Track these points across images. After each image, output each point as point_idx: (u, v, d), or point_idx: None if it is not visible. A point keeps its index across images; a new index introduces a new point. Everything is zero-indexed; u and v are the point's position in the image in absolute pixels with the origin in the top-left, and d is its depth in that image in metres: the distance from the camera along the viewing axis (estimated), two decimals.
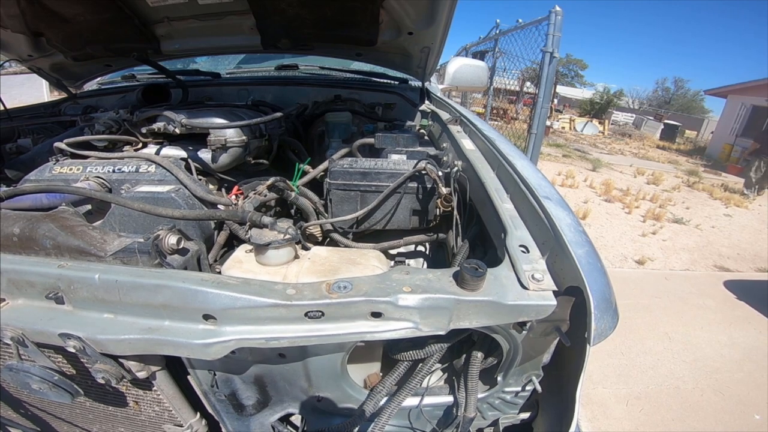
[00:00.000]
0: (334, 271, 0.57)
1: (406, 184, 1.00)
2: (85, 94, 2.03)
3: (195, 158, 1.13)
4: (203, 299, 0.53)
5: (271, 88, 1.86)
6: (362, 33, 1.61)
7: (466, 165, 0.97)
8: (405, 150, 1.18)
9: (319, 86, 1.88)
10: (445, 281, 0.57)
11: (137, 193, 1.01)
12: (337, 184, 1.03)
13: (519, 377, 0.86)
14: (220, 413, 0.86)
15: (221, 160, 1.11)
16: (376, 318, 0.55)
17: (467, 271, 0.55)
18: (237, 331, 0.55)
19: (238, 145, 1.11)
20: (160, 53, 1.81)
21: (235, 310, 0.52)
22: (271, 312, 0.52)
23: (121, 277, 0.55)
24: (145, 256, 0.60)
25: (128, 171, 1.07)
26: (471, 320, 0.60)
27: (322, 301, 0.51)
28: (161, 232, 0.58)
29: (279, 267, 0.59)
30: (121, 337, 0.60)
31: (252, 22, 1.62)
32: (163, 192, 1.00)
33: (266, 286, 0.53)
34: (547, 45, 4.07)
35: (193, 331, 0.56)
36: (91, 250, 0.61)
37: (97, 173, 1.08)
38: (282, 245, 0.57)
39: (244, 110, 1.31)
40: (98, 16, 1.59)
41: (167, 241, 0.58)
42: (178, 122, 1.04)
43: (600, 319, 0.57)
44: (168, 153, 1.15)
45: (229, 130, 1.08)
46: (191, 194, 1.03)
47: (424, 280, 0.57)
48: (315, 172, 1.18)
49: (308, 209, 1.08)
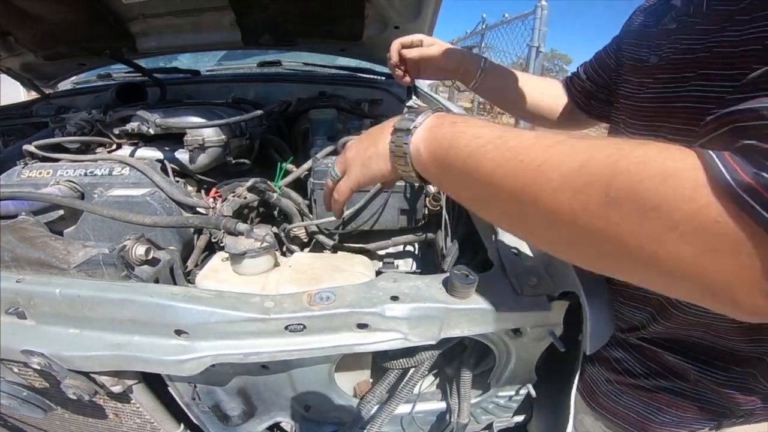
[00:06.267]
0: (316, 280, 0.54)
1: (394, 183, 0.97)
2: (59, 94, 1.95)
3: (172, 159, 1.08)
4: (174, 314, 0.49)
5: (253, 86, 1.80)
6: (347, 28, 1.57)
7: None
8: None
9: (303, 83, 1.83)
10: (434, 289, 0.54)
11: (110, 198, 0.96)
12: (322, 184, 0.99)
13: (512, 381, 0.84)
14: (205, 424, 0.82)
15: (199, 160, 1.06)
16: (362, 329, 0.52)
17: (457, 279, 0.52)
18: (213, 347, 0.51)
19: (216, 145, 1.06)
20: (136, 51, 1.74)
21: (209, 325, 0.49)
22: (248, 326, 0.48)
23: (84, 291, 0.51)
24: (111, 269, 0.56)
25: (101, 174, 1.01)
26: (462, 329, 0.57)
27: (303, 313, 0.48)
28: (128, 242, 0.54)
29: (257, 276, 0.55)
30: (88, 353, 0.56)
31: (232, 17, 1.57)
32: (137, 195, 0.95)
33: (242, 299, 0.49)
34: (534, 39, 4.06)
35: (165, 347, 0.52)
36: (53, 263, 0.57)
37: (68, 177, 1.03)
38: (259, 254, 0.53)
39: (224, 108, 1.26)
40: (69, 15, 1.51)
41: (134, 252, 0.54)
42: (152, 122, 0.99)
43: (596, 325, 0.55)
44: (143, 154, 1.10)
45: (207, 130, 1.04)
46: (168, 197, 0.98)
47: (413, 288, 0.53)
48: (298, 172, 1.14)
49: (291, 211, 1.04)
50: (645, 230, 0.33)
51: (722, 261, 0.30)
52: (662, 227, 0.32)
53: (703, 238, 0.30)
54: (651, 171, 0.33)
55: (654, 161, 0.33)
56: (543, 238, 0.41)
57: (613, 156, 0.35)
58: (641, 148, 0.34)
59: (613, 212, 0.34)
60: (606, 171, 0.34)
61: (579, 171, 0.36)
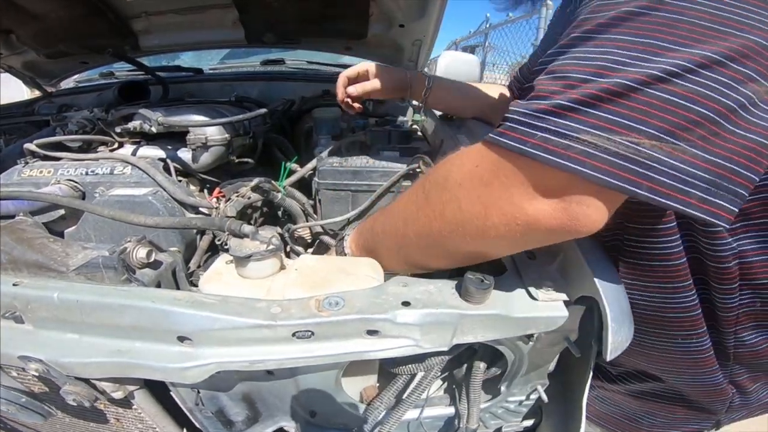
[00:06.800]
0: (324, 283, 0.52)
1: (400, 183, 0.95)
2: (62, 93, 1.94)
3: (174, 158, 1.06)
4: (176, 320, 0.47)
5: (256, 84, 1.78)
6: (351, 26, 1.55)
7: None
8: (398, 147, 1.12)
9: (307, 81, 1.81)
10: (447, 294, 0.52)
11: (111, 197, 0.94)
12: (327, 184, 0.97)
13: (523, 386, 0.82)
14: (208, 429, 0.81)
15: (202, 159, 1.04)
16: (372, 336, 0.49)
17: (471, 284, 0.49)
18: (217, 354, 0.49)
19: (219, 144, 1.04)
20: (138, 49, 1.73)
21: (213, 332, 0.47)
22: (254, 333, 0.46)
23: (83, 296, 0.49)
24: (112, 272, 0.54)
25: (102, 173, 1.00)
26: (476, 334, 0.55)
27: (311, 320, 0.46)
28: (128, 244, 0.52)
29: (263, 279, 0.53)
30: (87, 360, 0.54)
31: (235, 15, 1.55)
32: (139, 195, 0.93)
33: (248, 305, 0.47)
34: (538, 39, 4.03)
35: (168, 354, 0.50)
36: (51, 265, 0.55)
37: (69, 176, 1.01)
38: (265, 257, 0.51)
39: (227, 107, 1.24)
40: (71, 12, 1.50)
41: (135, 254, 0.52)
42: (154, 120, 0.97)
43: (617, 332, 0.53)
44: (145, 153, 1.08)
45: (210, 128, 1.02)
46: (170, 197, 0.96)
47: (425, 293, 0.51)
48: (302, 171, 1.12)
49: (296, 211, 1.02)
50: (447, 196, 0.48)
51: (495, 191, 0.44)
52: (453, 189, 0.47)
53: (474, 180, 0.45)
54: (441, 163, 0.52)
55: (441, 160, 0.53)
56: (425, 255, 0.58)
57: (422, 175, 0.62)
58: (439, 161, 0.54)
59: (432, 199, 0.51)
60: (420, 182, 0.55)
61: (416, 193, 0.55)
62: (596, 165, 0.37)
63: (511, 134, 0.41)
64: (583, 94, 0.38)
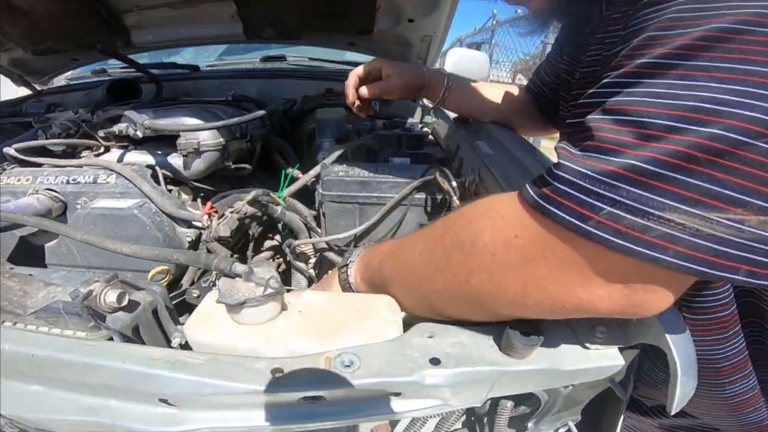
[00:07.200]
0: (334, 330, 0.43)
1: (413, 195, 0.86)
2: (52, 91, 1.84)
3: (164, 164, 0.97)
4: (156, 383, 0.38)
5: (255, 82, 1.69)
6: (357, 21, 1.45)
7: (485, 173, 0.82)
8: (409, 152, 1.03)
9: (309, 79, 1.71)
10: (483, 347, 0.43)
11: (94, 210, 0.85)
12: (332, 196, 0.88)
13: (554, 423, 0.73)
14: None
15: (194, 166, 0.95)
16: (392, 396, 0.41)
17: (516, 339, 0.41)
18: (207, 418, 0.40)
19: (213, 149, 0.95)
20: (131, 45, 1.63)
21: (201, 397, 0.38)
22: (253, 398, 0.38)
23: (39, 350, 0.40)
24: (76, 318, 0.45)
25: (85, 182, 0.91)
26: (515, 389, 0.46)
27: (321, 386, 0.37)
28: (95, 285, 0.43)
29: (261, 325, 0.44)
30: (55, 417, 0.45)
31: (233, 9, 1.45)
32: (124, 208, 0.84)
33: (243, 366, 0.38)
34: (547, 36, 3.93)
35: (149, 415, 0.42)
36: (5, 306, 0.46)
37: (49, 184, 0.92)
38: (262, 302, 0.42)
39: (223, 107, 1.15)
40: (60, 7, 1.40)
41: (104, 299, 0.43)
42: (140, 124, 0.88)
43: (686, 384, 0.44)
44: (133, 159, 0.99)
45: (203, 132, 0.92)
46: (158, 209, 0.87)
47: (456, 346, 0.42)
48: (304, 180, 1.03)
49: (298, 226, 0.93)
50: (475, 264, 0.39)
51: (539, 270, 0.35)
52: (482, 257, 0.38)
53: (512, 252, 0.36)
54: (467, 216, 0.42)
55: (465, 211, 0.43)
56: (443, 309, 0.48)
57: (441, 225, 0.46)
58: (463, 210, 0.45)
59: (454, 262, 0.41)
60: (439, 234, 0.45)
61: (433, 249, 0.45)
62: (681, 251, 0.28)
63: (566, 204, 0.31)
64: (669, 152, 0.28)
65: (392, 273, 0.51)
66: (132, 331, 0.46)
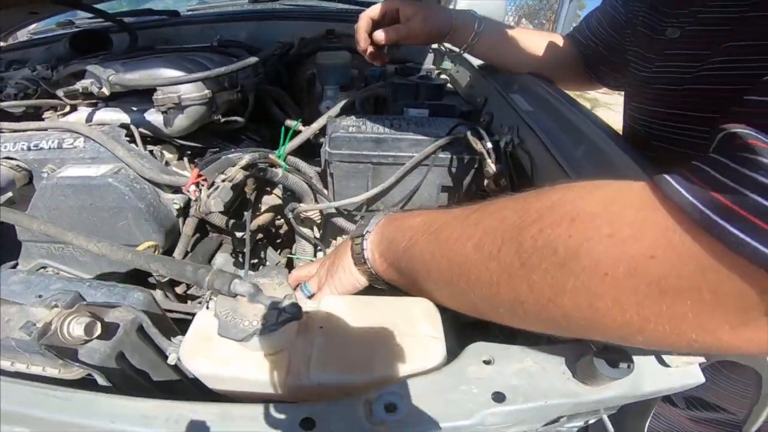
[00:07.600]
0: (366, 356, 0.32)
1: (437, 155, 0.72)
2: (11, 48, 1.65)
3: (141, 122, 0.83)
4: None
5: (244, 25, 1.49)
6: None
7: (526, 133, 0.68)
8: (427, 103, 0.88)
9: (307, 20, 1.51)
10: (554, 374, 0.32)
11: (61, 180, 0.72)
12: (341, 155, 0.74)
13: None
14: None
15: (177, 122, 0.81)
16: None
17: (602, 368, 0.30)
18: None
19: (198, 102, 0.80)
20: None
21: None
22: None
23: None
24: (39, 358, 0.33)
25: (49, 147, 0.77)
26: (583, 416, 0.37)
27: None
28: (53, 314, 0.31)
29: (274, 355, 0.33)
30: None
31: None
32: (96, 177, 0.71)
33: (265, 418, 0.27)
34: None
35: None
36: None
37: (8, 153, 0.79)
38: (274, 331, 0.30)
39: (208, 55, 0.99)
40: None
41: (68, 332, 0.31)
42: (104, 79, 0.73)
43: None
44: (103, 117, 0.84)
45: (184, 85, 0.77)
46: (137, 175, 0.75)
47: (523, 376, 0.31)
48: (307, 133, 0.89)
49: (302, 188, 0.80)
50: (571, 283, 0.27)
51: (678, 307, 0.24)
52: (588, 277, 0.26)
53: (641, 278, 0.24)
54: (556, 212, 0.29)
55: (558, 201, 0.30)
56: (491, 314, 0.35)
57: (512, 212, 0.33)
58: (552, 196, 0.31)
59: (535, 274, 0.29)
60: (506, 226, 0.32)
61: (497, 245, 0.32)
62: None
63: (764, 228, 0.20)
64: None
65: (429, 265, 0.39)
66: (116, 360, 0.34)
